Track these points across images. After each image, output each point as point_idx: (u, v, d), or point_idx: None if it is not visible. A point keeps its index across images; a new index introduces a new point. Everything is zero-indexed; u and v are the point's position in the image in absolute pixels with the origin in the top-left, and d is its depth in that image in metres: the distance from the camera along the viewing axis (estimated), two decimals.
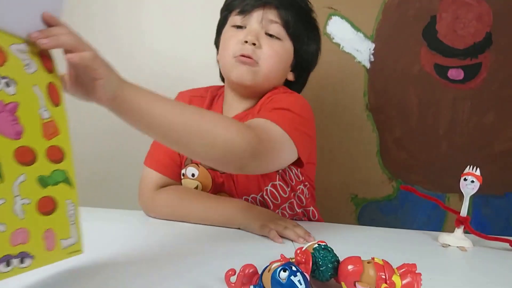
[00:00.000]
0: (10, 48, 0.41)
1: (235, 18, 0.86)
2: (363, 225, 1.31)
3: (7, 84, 0.40)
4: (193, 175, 0.89)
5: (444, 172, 1.31)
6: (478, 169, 0.83)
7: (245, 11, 0.84)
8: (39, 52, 0.45)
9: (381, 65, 1.31)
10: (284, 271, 0.43)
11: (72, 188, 0.48)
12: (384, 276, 0.47)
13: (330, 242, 0.55)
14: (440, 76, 1.29)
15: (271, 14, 0.85)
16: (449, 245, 0.82)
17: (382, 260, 0.50)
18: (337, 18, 1.30)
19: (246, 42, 0.82)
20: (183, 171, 0.90)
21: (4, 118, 0.39)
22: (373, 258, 0.50)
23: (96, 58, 0.50)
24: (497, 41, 1.26)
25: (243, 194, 0.89)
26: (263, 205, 0.89)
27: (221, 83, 1.00)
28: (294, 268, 0.43)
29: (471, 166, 0.84)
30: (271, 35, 0.85)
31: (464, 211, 0.84)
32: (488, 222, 1.32)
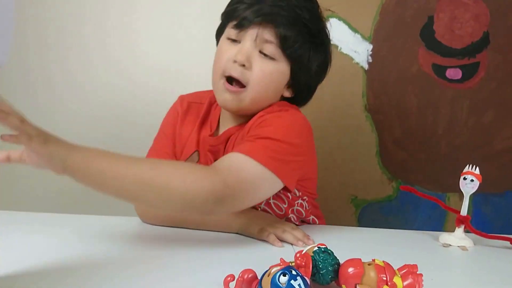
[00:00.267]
0: None
1: (230, 31, 0.80)
2: (364, 226, 1.31)
3: None
4: None
5: (444, 171, 1.31)
6: (477, 168, 0.83)
7: (241, 26, 0.78)
8: None
9: (379, 66, 1.31)
10: (284, 276, 0.43)
11: None
12: (385, 278, 0.47)
13: (330, 245, 0.55)
14: (438, 76, 1.29)
15: (268, 33, 0.77)
16: (450, 245, 0.82)
17: (383, 261, 0.50)
18: (335, 20, 1.31)
19: (236, 61, 0.77)
20: None
21: None
22: (373, 260, 0.50)
23: (32, 140, 0.54)
24: (495, 41, 1.26)
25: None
26: None
27: None
28: (294, 272, 0.43)
29: (470, 165, 0.84)
30: (265, 54, 0.78)
31: (464, 210, 0.84)
32: (488, 221, 1.32)
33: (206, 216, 0.78)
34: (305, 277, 0.44)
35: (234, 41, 0.79)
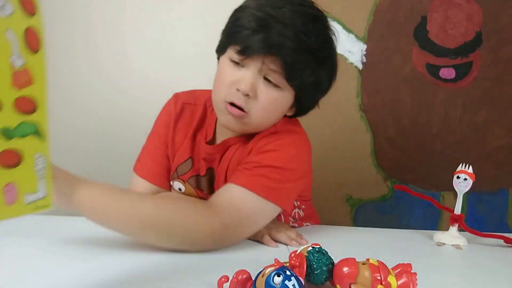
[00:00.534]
0: None
1: (233, 54, 0.73)
2: (359, 225, 1.31)
3: None
4: (180, 189, 0.86)
5: (438, 170, 1.31)
6: (470, 166, 0.84)
7: (245, 53, 0.71)
8: None
9: (373, 66, 1.32)
10: (278, 276, 0.43)
11: (43, 141, 0.44)
12: (379, 277, 0.48)
13: (325, 245, 0.55)
14: (432, 75, 1.30)
15: (273, 63, 0.71)
16: (444, 244, 0.83)
17: (377, 261, 0.50)
18: (329, 20, 1.31)
19: (239, 89, 0.72)
20: (171, 183, 0.87)
21: None
22: (368, 259, 0.50)
23: None
24: (487, 40, 1.27)
25: None
26: None
27: None
28: (288, 273, 0.43)
29: (464, 164, 0.85)
30: (269, 81, 0.73)
31: (458, 209, 0.84)
32: (482, 219, 1.33)
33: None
34: (300, 278, 0.44)
35: (237, 63, 0.74)
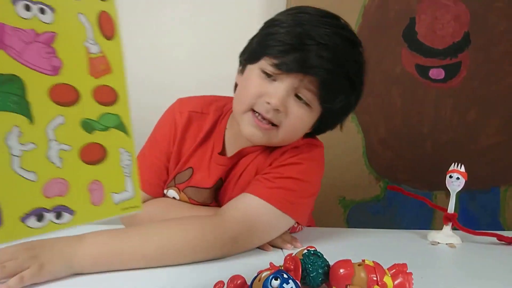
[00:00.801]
0: None
1: (267, 66, 0.71)
2: (352, 227, 1.31)
3: (42, 11, 0.33)
4: (174, 198, 0.83)
5: (430, 170, 1.32)
6: (462, 166, 0.84)
7: (283, 68, 0.69)
8: None
9: None
10: (276, 279, 0.43)
11: (127, 135, 0.40)
12: (375, 278, 0.48)
13: (320, 247, 0.55)
14: (422, 76, 1.31)
15: (310, 84, 0.70)
16: (438, 243, 0.83)
17: (373, 261, 0.50)
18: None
19: (269, 103, 0.70)
20: (165, 191, 0.84)
21: (36, 50, 0.33)
22: (363, 260, 0.50)
23: (24, 278, 0.52)
24: (475, 40, 1.29)
25: None
26: None
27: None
28: (285, 276, 0.43)
29: (456, 163, 0.85)
30: (300, 98, 0.72)
31: (451, 208, 0.85)
32: (475, 217, 1.34)
33: None
34: (296, 280, 0.44)
35: (269, 76, 0.71)
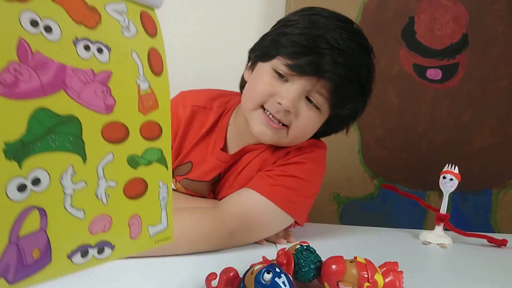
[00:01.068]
0: (106, 8, 0.34)
1: (280, 65, 0.70)
2: (346, 224, 1.32)
3: (100, 51, 0.34)
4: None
5: (424, 170, 1.33)
6: (456, 167, 0.85)
7: (297, 71, 0.69)
8: (140, 12, 0.38)
9: None
10: (268, 273, 0.43)
11: (166, 167, 0.41)
12: (366, 275, 0.48)
13: (312, 243, 0.56)
14: (419, 76, 1.31)
15: (323, 88, 0.70)
16: (429, 243, 0.84)
17: (365, 259, 0.50)
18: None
19: (280, 104, 0.70)
20: None
21: (93, 89, 0.33)
22: (355, 258, 0.51)
23: None
24: (473, 42, 1.29)
25: None
26: None
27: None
28: (278, 270, 0.43)
29: (450, 164, 0.86)
30: (311, 101, 0.72)
31: (443, 208, 0.85)
32: (466, 218, 1.35)
33: None
34: (288, 275, 0.44)
35: (282, 76, 0.71)
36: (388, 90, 1.33)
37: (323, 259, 0.52)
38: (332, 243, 0.80)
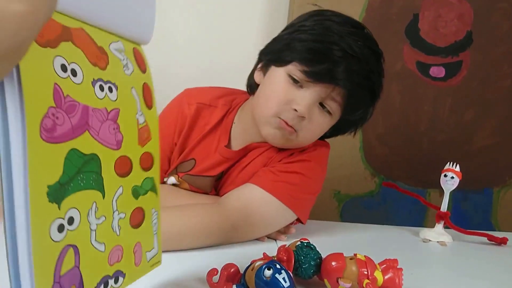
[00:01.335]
0: (110, 47, 0.36)
1: (295, 71, 0.71)
2: (346, 221, 1.32)
3: (110, 89, 0.35)
4: (173, 184, 0.83)
5: (425, 168, 1.33)
6: (457, 165, 0.85)
7: (313, 78, 0.70)
8: (133, 49, 0.40)
9: None
10: (269, 269, 0.43)
11: (157, 195, 0.43)
12: (366, 272, 0.48)
13: (313, 239, 0.56)
14: (422, 73, 1.31)
15: (338, 95, 0.72)
16: (429, 240, 0.84)
17: (364, 256, 0.51)
18: None
19: (296, 110, 0.71)
20: (165, 179, 0.84)
21: (107, 127, 0.35)
22: (355, 255, 0.51)
23: None
24: (477, 40, 1.29)
25: None
26: None
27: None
28: (278, 266, 0.44)
29: (451, 163, 0.86)
30: (324, 107, 0.73)
31: (444, 206, 0.86)
32: (467, 217, 1.35)
33: None
34: (289, 271, 0.45)
35: (296, 82, 0.71)
36: (391, 88, 1.32)
37: (323, 256, 0.52)
38: (332, 240, 0.80)
